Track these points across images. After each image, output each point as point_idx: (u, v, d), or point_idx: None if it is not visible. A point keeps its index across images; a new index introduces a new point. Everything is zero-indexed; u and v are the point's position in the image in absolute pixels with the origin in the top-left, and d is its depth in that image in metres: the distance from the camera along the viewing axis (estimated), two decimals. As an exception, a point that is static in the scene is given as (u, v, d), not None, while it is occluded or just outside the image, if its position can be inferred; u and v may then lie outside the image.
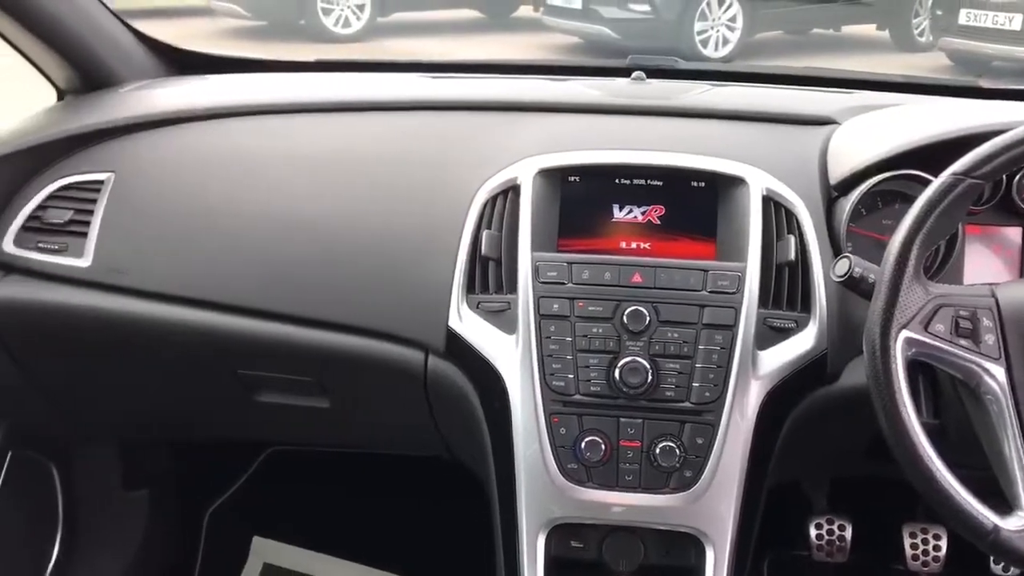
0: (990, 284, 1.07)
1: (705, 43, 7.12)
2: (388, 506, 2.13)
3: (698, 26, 7.11)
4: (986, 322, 1.02)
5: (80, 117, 1.50)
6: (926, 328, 1.01)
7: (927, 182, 1.09)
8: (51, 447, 1.65)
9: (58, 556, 1.68)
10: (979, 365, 1.01)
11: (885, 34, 7.81)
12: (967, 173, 1.02)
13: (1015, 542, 0.96)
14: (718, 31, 7.18)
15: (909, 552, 1.84)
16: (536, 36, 7.87)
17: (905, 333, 1.00)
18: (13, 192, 1.42)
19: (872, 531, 1.87)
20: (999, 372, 1.01)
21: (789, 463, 1.31)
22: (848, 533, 1.85)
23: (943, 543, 1.83)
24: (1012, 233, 1.32)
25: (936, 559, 1.82)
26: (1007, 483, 1.00)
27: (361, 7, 7.77)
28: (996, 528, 0.96)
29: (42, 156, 1.44)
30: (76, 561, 1.72)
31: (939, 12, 6.87)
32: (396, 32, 7.99)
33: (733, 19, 7.20)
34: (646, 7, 7.21)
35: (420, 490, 2.13)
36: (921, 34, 7.59)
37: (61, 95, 1.66)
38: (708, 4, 7.14)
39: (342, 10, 7.70)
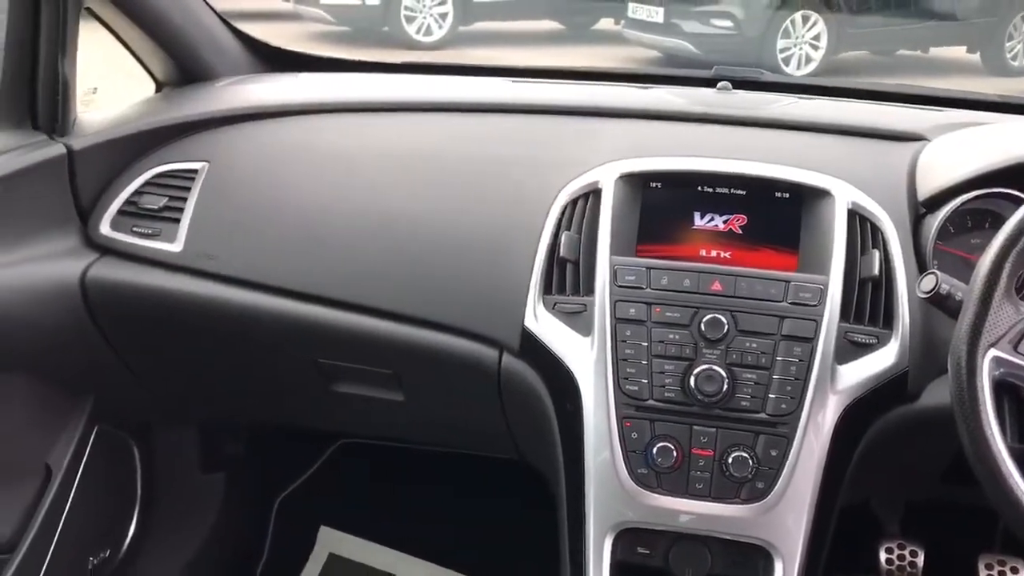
0: None
1: (787, 61, 7.05)
2: (454, 504, 2.15)
3: (781, 43, 7.05)
4: None
5: (178, 108, 1.56)
6: (1016, 348, 0.99)
7: (1021, 201, 1.07)
8: (134, 425, 1.71)
9: (135, 531, 1.73)
10: None
11: (975, 57, 7.61)
12: None
13: None
14: (801, 49, 7.10)
15: (984, 583, 1.79)
16: (616, 49, 7.87)
17: (993, 352, 0.99)
18: (112, 178, 1.48)
19: (946, 560, 1.82)
20: None
21: (863, 481, 1.29)
22: (920, 560, 1.81)
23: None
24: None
25: (1012, 592, 1.77)
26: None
27: (444, 15, 7.88)
28: None
29: (140, 144, 1.50)
30: (151, 538, 1.77)
31: (1037, 36, 6.69)
32: (477, 41, 8.08)
33: (817, 37, 7.12)
34: (729, 23, 7.18)
35: (487, 490, 2.14)
36: (1014, 58, 7.40)
37: (159, 87, 1.73)
38: (792, 21, 7.08)
39: (425, 18, 7.82)
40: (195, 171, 1.46)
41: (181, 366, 1.58)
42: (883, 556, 1.83)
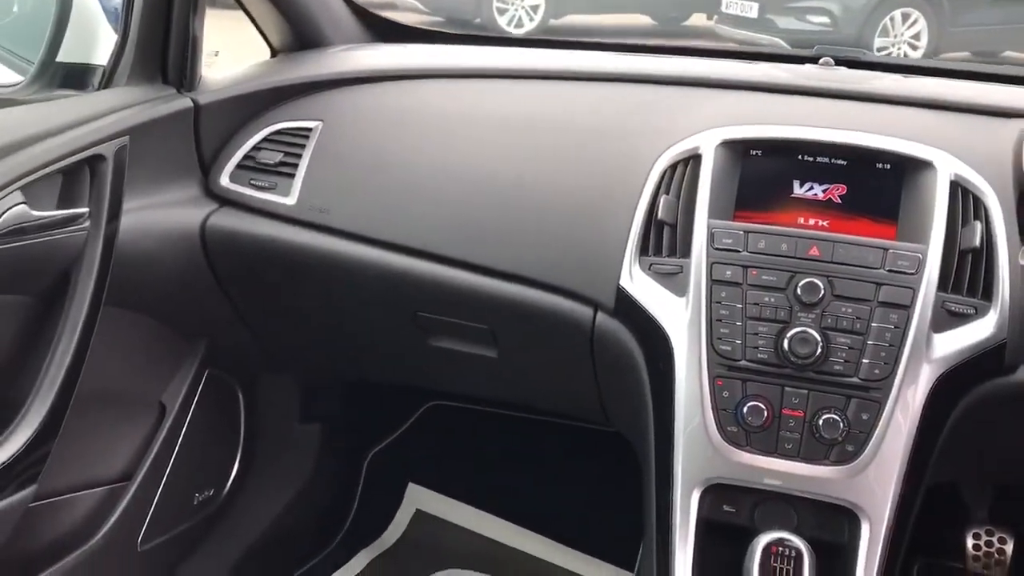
0: None
1: (895, 58, 6.90)
2: (539, 469, 2.20)
3: (878, 42, 6.89)
4: None
5: (295, 70, 1.64)
6: None
7: None
8: (240, 371, 1.80)
9: (236, 474, 1.83)
10: None
11: (1089, 62, 7.34)
12: None
13: None
14: (900, 48, 6.93)
15: (1075, 575, 1.76)
16: (707, 44, 7.80)
17: None
18: (232, 133, 1.57)
19: None
20: None
21: (954, 456, 1.28)
22: (1009, 548, 1.79)
23: (1114, 569, 1.74)
24: None
25: (1104, 586, 1.74)
26: None
27: (535, 8, 7.92)
28: None
29: (260, 102, 1.58)
30: (251, 481, 1.86)
31: None
32: (567, 35, 8.09)
33: (917, 36, 6.95)
34: (825, 19, 7.06)
35: (571, 456, 2.19)
36: None
37: (274, 53, 1.81)
38: (891, 19, 6.92)
39: (516, 10, 7.87)
40: (310, 129, 1.54)
41: (289, 315, 1.67)
42: (970, 542, 1.82)
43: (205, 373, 1.66)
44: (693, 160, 1.33)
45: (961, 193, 1.26)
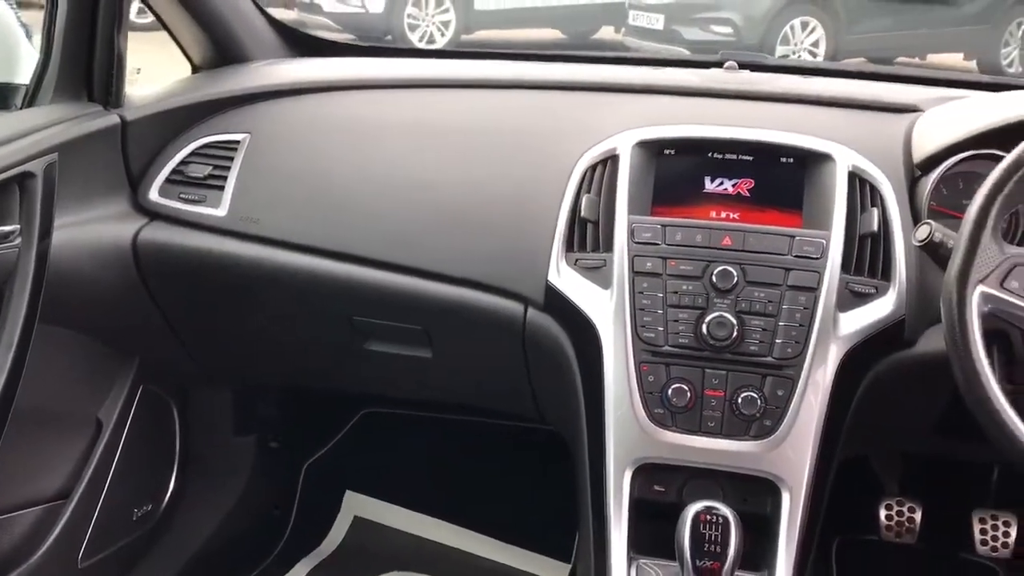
0: None
1: (794, 60, 7.15)
2: (474, 470, 2.25)
3: (780, 50, 7.13)
4: None
5: (219, 84, 1.66)
6: (1001, 284, 1.08)
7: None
8: (174, 386, 1.80)
9: (174, 488, 1.83)
10: None
11: (972, 64, 7.72)
12: None
13: None
14: (800, 55, 7.19)
15: (978, 537, 1.88)
16: (620, 53, 7.97)
17: (982, 288, 1.08)
18: (160, 148, 1.58)
19: (942, 515, 1.92)
20: None
21: (864, 427, 1.37)
22: (918, 516, 1.90)
23: (1013, 530, 1.86)
24: (1089, 215, 1.38)
25: (1005, 545, 1.87)
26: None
27: (446, 24, 7.97)
28: None
29: (186, 117, 1.60)
30: (189, 494, 1.87)
31: (1031, 41, 6.80)
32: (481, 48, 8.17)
33: (816, 44, 7.22)
34: (728, 29, 7.28)
35: (504, 456, 2.24)
36: (1010, 64, 7.49)
37: (195, 70, 1.83)
38: (791, 28, 7.18)
39: (428, 26, 7.91)
40: (237, 142, 1.57)
41: (223, 326, 1.68)
42: (883, 514, 1.93)
43: (140, 389, 1.66)
44: (611, 160, 1.40)
45: (859, 182, 1.35)
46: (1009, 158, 1.10)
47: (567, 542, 2.08)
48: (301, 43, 1.94)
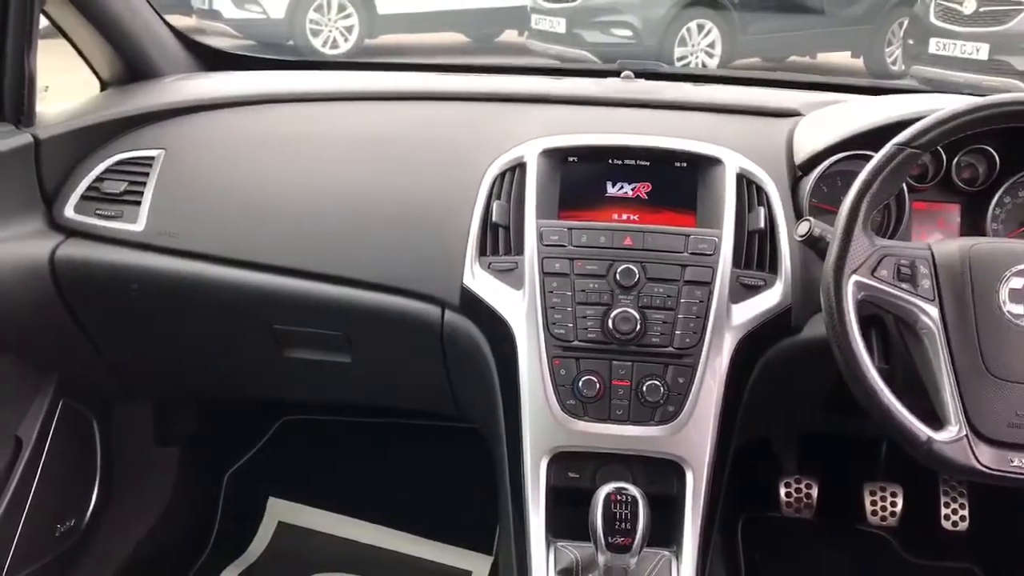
0: (926, 241, 1.26)
1: (686, 68, 7.37)
2: (395, 471, 2.30)
3: (678, 52, 7.34)
4: (923, 270, 1.21)
5: (131, 101, 1.68)
6: (872, 273, 1.20)
7: None
8: (94, 401, 1.81)
9: (96, 502, 1.83)
10: (917, 305, 1.20)
11: (859, 61, 8.09)
12: (907, 144, 1.21)
13: (944, 451, 1.15)
14: (697, 56, 7.42)
15: (869, 508, 2.03)
16: (521, 60, 8.06)
17: (855, 277, 1.19)
18: (74, 165, 1.59)
19: (836, 490, 2.06)
20: (933, 311, 1.19)
21: (759, 410, 1.48)
22: (815, 491, 2.04)
23: (899, 499, 2.02)
24: (952, 209, 1.52)
25: (892, 514, 2.02)
26: (940, 404, 1.18)
27: (350, 28, 7.94)
28: (929, 440, 1.15)
29: (100, 134, 1.62)
30: (112, 508, 1.87)
31: (911, 41, 7.10)
32: (383, 54, 8.15)
33: (712, 45, 7.44)
34: (628, 32, 7.44)
35: (427, 455, 2.30)
36: (894, 62, 7.85)
37: (104, 86, 1.84)
38: (688, 30, 7.39)
39: (331, 31, 7.87)
40: (152, 158, 1.59)
41: (144, 340, 1.70)
42: (783, 491, 2.06)
43: (59, 404, 1.67)
44: (519, 168, 1.48)
45: (746, 183, 1.46)
46: (875, 159, 1.22)
47: (489, 535, 2.15)
48: (209, 57, 1.97)
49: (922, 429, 1.15)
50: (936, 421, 1.18)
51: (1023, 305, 1.19)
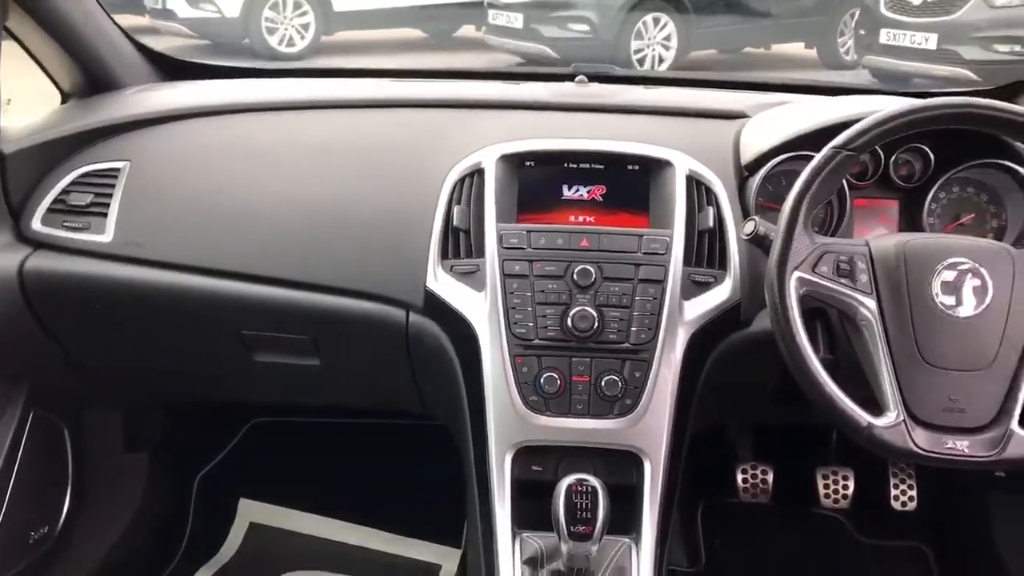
0: (865, 237, 1.33)
1: (642, 61, 7.44)
2: (363, 469, 2.35)
3: (635, 44, 7.42)
4: (861, 265, 1.28)
5: (95, 114, 1.70)
6: (813, 269, 1.27)
7: None
8: (64, 409, 1.84)
9: (68, 508, 1.86)
10: (855, 299, 1.26)
11: (813, 52, 8.23)
12: (843, 147, 1.27)
13: (884, 436, 1.21)
14: (654, 50, 7.49)
15: (822, 492, 2.12)
16: (478, 55, 8.07)
17: (797, 273, 1.26)
18: (39, 179, 1.62)
19: (791, 475, 2.14)
20: (871, 303, 1.26)
21: (712, 400, 1.54)
22: (770, 477, 2.12)
23: (851, 482, 2.11)
24: (891, 205, 1.60)
25: (844, 497, 2.11)
26: (879, 392, 1.25)
27: (305, 27, 7.91)
28: (870, 425, 1.21)
29: (64, 147, 1.64)
30: (84, 514, 1.90)
31: (862, 32, 7.24)
32: (340, 51, 8.14)
33: (668, 38, 7.52)
34: (585, 27, 7.50)
35: (394, 453, 2.34)
36: (847, 52, 7.99)
37: (65, 98, 1.86)
38: (644, 24, 7.46)
39: (286, 29, 7.83)
40: (118, 170, 1.61)
41: (113, 348, 1.73)
42: (740, 478, 2.14)
43: (31, 413, 1.69)
44: (478, 173, 1.53)
45: (696, 185, 1.52)
46: (813, 162, 1.28)
47: (457, 529, 2.20)
48: (169, 66, 1.99)
49: (863, 416, 1.22)
50: (876, 408, 1.24)
51: (954, 296, 1.25)
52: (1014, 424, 1.22)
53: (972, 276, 1.26)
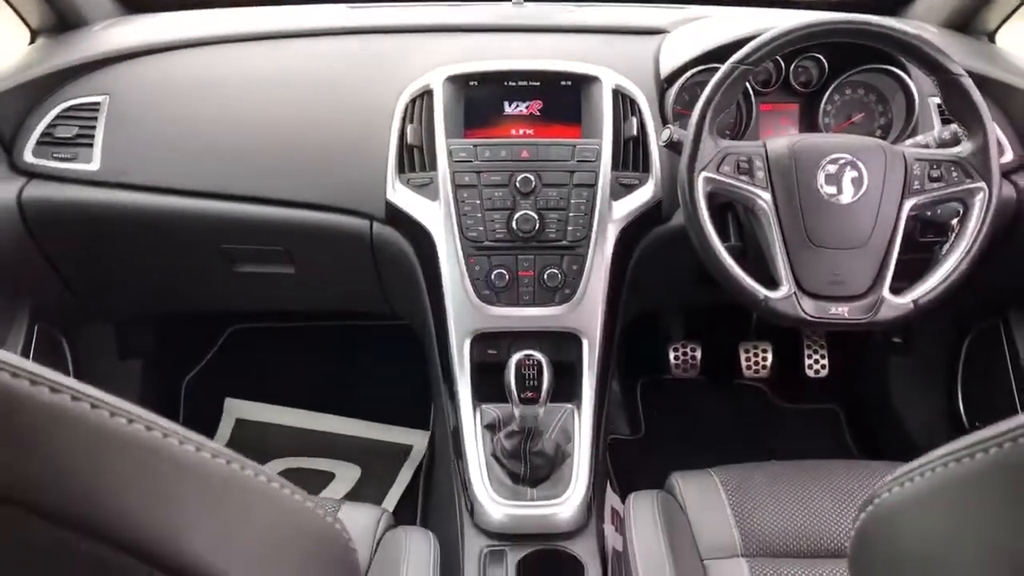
0: (762, 140, 1.54)
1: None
2: (333, 368, 2.55)
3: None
4: (758, 163, 1.48)
5: (69, 52, 1.82)
6: (718, 169, 1.48)
7: None
8: (63, 323, 2.01)
9: None
10: (754, 192, 1.47)
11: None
12: (741, 61, 1.47)
13: (777, 306, 1.45)
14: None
15: (744, 364, 2.38)
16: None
17: (704, 173, 1.46)
18: (25, 116, 1.75)
19: (717, 351, 2.40)
20: (767, 196, 1.47)
21: (641, 287, 1.75)
22: (699, 354, 2.37)
23: (769, 355, 2.37)
24: (792, 109, 1.80)
25: (764, 367, 2.37)
26: (774, 269, 1.47)
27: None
28: (766, 298, 1.44)
29: (44, 85, 1.76)
30: None
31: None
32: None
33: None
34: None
35: (364, 351, 2.55)
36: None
37: (34, 36, 1.96)
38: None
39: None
40: (98, 103, 1.75)
41: (104, 267, 1.89)
42: (672, 356, 2.39)
43: (36, 327, 1.87)
44: (427, 94, 1.69)
45: (621, 97, 1.70)
46: (716, 75, 1.48)
47: (424, 413, 2.43)
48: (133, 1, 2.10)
49: (759, 290, 1.45)
50: (773, 284, 1.46)
51: (836, 186, 1.46)
52: (885, 291, 1.44)
53: (851, 168, 1.46)
